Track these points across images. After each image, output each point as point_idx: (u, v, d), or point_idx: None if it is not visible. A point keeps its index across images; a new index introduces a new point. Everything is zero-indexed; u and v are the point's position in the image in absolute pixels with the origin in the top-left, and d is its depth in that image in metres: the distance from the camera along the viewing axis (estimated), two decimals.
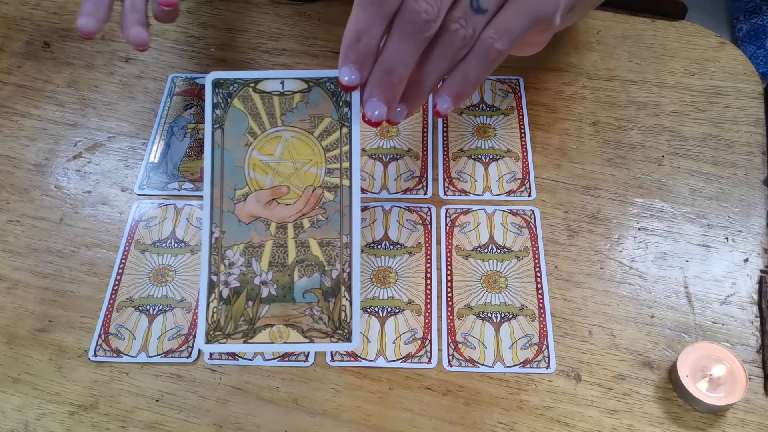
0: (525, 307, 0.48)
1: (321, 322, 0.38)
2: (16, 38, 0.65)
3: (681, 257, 0.50)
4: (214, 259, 0.38)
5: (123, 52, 0.64)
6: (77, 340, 0.47)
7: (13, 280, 0.50)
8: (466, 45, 0.37)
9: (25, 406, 0.45)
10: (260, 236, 0.38)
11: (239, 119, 0.39)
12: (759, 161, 0.55)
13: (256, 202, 0.39)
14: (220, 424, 0.44)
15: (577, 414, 0.44)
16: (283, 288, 0.38)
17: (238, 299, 0.38)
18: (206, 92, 0.39)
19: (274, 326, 0.38)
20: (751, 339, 0.47)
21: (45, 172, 0.56)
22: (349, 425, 0.44)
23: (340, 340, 0.38)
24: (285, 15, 0.66)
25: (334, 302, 0.38)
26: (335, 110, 0.39)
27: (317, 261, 0.38)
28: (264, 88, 0.39)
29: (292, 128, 0.39)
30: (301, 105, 0.39)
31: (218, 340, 0.38)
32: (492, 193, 0.54)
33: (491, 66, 0.38)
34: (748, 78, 0.60)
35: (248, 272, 0.38)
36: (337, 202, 0.39)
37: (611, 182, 0.54)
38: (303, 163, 0.39)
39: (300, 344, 0.38)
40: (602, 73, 0.61)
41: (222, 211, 0.39)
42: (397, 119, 0.39)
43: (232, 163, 0.39)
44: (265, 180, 0.39)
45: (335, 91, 0.39)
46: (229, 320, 0.38)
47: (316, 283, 0.38)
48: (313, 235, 0.38)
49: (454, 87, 0.38)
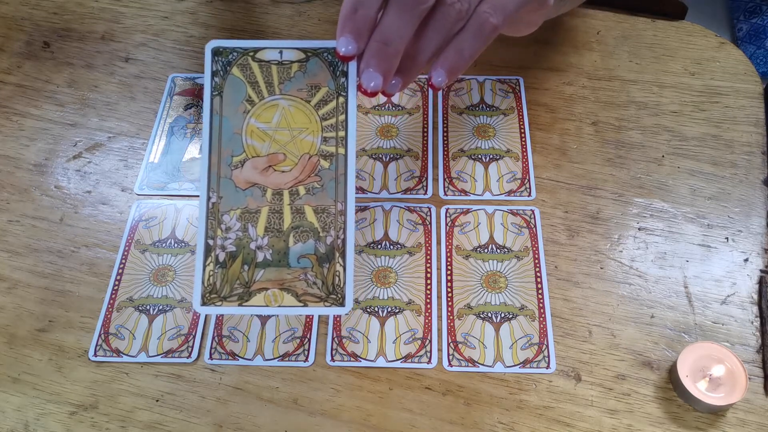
0: (525, 307, 0.48)
1: (315, 287, 0.38)
2: (16, 38, 0.65)
3: (681, 257, 0.50)
4: (211, 224, 0.39)
5: (123, 52, 0.64)
6: (77, 340, 0.47)
7: (13, 280, 0.50)
8: (462, 19, 0.37)
9: (25, 406, 0.45)
10: (256, 202, 0.39)
11: (238, 87, 0.40)
12: (759, 161, 0.55)
13: (253, 168, 0.39)
14: (220, 424, 0.44)
15: (577, 414, 0.44)
16: (279, 253, 0.39)
17: (234, 263, 0.39)
18: (206, 60, 0.39)
19: (269, 290, 0.38)
20: (751, 339, 0.47)
21: (45, 172, 0.56)
22: (349, 425, 0.44)
23: (333, 305, 0.38)
24: (285, 15, 0.66)
25: (328, 268, 0.38)
26: (332, 80, 0.39)
27: (312, 227, 0.39)
28: (263, 57, 0.40)
29: (290, 97, 0.40)
30: (298, 74, 0.40)
31: (214, 303, 0.38)
32: (492, 193, 0.53)
33: (486, 41, 0.38)
34: (748, 78, 0.60)
35: (244, 237, 0.39)
36: (333, 170, 0.39)
37: (611, 182, 0.54)
38: (300, 131, 0.39)
39: (294, 308, 0.38)
40: (602, 73, 0.61)
41: (219, 176, 0.39)
42: (392, 91, 0.40)
43: (230, 129, 0.39)
44: (262, 147, 0.39)
45: (332, 62, 0.39)
46: (225, 283, 0.38)
47: (311, 248, 0.39)
48: (308, 201, 0.39)
49: (449, 61, 0.39)
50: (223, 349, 0.47)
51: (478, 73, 0.61)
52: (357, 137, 0.57)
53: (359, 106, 0.59)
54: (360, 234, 0.52)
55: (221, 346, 0.47)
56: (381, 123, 0.58)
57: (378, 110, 0.59)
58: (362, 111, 0.58)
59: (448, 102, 0.59)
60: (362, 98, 0.38)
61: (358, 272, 0.50)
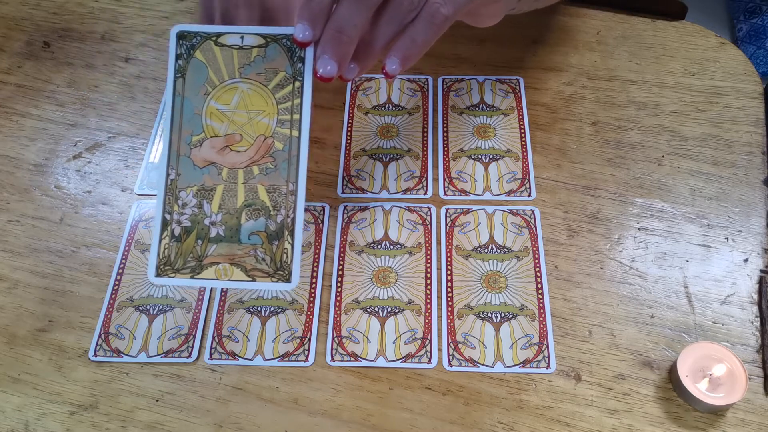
0: (525, 307, 0.48)
1: (263, 263, 0.40)
2: (16, 38, 0.65)
3: (681, 257, 0.50)
4: (169, 199, 0.41)
5: (123, 53, 0.64)
6: (77, 340, 0.47)
7: (14, 280, 0.50)
8: (414, 9, 0.39)
9: (25, 405, 0.45)
10: (213, 180, 0.41)
11: (200, 70, 0.41)
12: (759, 161, 0.55)
13: (211, 148, 0.41)
14: (220, 424, 0.44)
15: (577, 414, 0.44)
16: (231, 229, 0.40)
17: (189, 237, 0.40)
18: (170, 43, 0.41)
19: (220, 264, 0.40)
20: (751, 339, 0.47)
21: (45, 172, 0.56)
22: (349, 425, 0.44)
23: (280, 280, 0.40)
24: None
25: (277, 245, 0.40)
26: (290, 65, 0.41)
27: (264, 206, 0.40)
28: (225, 41, 0.41)
29: (249, 80, 0.41)
30: (258, 59, 0.41)
31: (167, 274, 0.40)
32: (492, 193, 0.54)
33: (437, 30, 0.40)
34: (748, 78, 0.60)
35: (199, 213, 0.40)
36: (286, 151, 0.41)
37: (611, 182, 0.54)
38: (256, 113, 0.41)
39: (243, 282, 0.40)
40: (602, 73, 0.61)
41: (179, 155, 0.41)
42: (348, 76, 0.41)
43: (191, 110, 0.41)
44: (221, 128, 0.41)
45: (291, 48, 0.41)
46: (178, 256, 0.40)
47: (262, 226, 0.40)
48: (261, 181, 0.41)
49: (402, 49, 0.40)
50: (223, 349, 0.47)
51: (478, 73, 0.61)
52: (357, 137, 0.57)
53: (359, 106, 0.59)
54: (360, 234, 0.52)
55: (221, 346, 0.47)
56: (381, 123, 0.58)
57: (378, 110, 0.59)
58: (362, 111, 0.58)
59: (448, 102, 0.59)
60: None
61: (358, 272, 0.50)
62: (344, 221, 0.52)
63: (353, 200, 0.53)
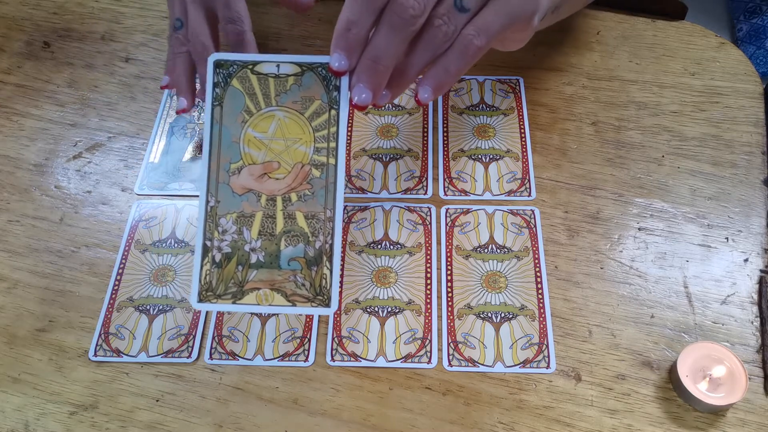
0: (525, 307, 0.48)
1: (303, 288, 0.40)
2: (16, 38, 0.65)
3: (681, 257, 0.50)
4: (209, 226, 0.41)
5: (123, 52, 0.64)
6: (77, 340, 0.47)
7: (14, 280, 0.50)
8: (448, 40, 0.40)
9: (25, 406, 0.45)
10: (251, 207, 0.41)
11: (237, 98, 0.42)
12: (759, 161, 0.55)
13: (249, 175, 0.41)
14: (220, 424, 0.44)
15: (577, 414, 0.44)
16: (270, 255, 0.41)
17: (229, 263, 0.41)
18: (207, 72, 0.42)
19: (261, 290, 0.41)
20: (751, 339, 0.47)
21: (45, 172, 0.56)
22: (349, 425, 0.44)
23: (320, 305, 0.40)
24: (284, 15, 0.66)
25: (316, 270, 0.41)
26: (325, 93, 0.41)
27: (302, 232, 0.41)
28: (261, 70, 0.42)
29: (285, 108, 0.42)
30: (294, 87, 0.42)
31: (209, 300, 0.41)
32: (492, 193, 0.54)
33: (470, 60, 0.41)
34: (748, 78, 0.60)
35: (239, 239, 0.41)
36: (323, 179, 0.41)
37: (611, 182, 0.54)
38: (293, 141, 0.41)
39: (284, 307, 0.40)
40: (602, 73, 0.61)
41: (218, 182, 0.41)
42: (381, 102, 0.42)
43: (229, 138, 0.42)
44: (258, 155, 0.41)
45: (326, 76, 0.41)
46: (220, 282, 0.41)
47: (301, 252, 0.41)
48: (299, 208, 0.41)
49: (435, 78, 0.41)
50: (223, 349, 0.47)
51: (478, 73, 0.61)
52: (357, 137, 0.57)
53: None
54: (360, 234, 0.52)
55: (221, 346, 0.47)
56: (381, 123, 0.58)
57: (378, 110, 0.59)
58: (362, 111, 0.58)
59: (448, 102, 0.59)
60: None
61: (359, 272, 0.50)
62: (344, 221, 0.52)
63: (353, 200, 0.53)
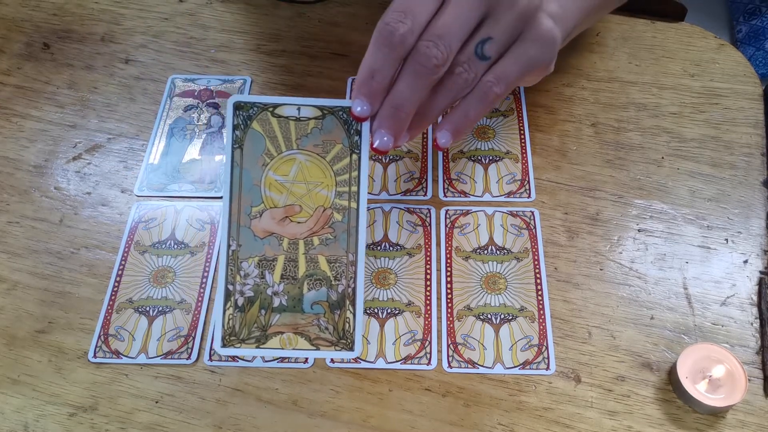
0: (525, 308, 0.48)
1: (327, 332, 0.41)
2: (15, 40, 0.65)
3: (681, 258, 0.50)
4: (231, 270, 0.41)
5: (123, 54, 0.64)
6: (77, 341, 0.47)
7: (13, 281, 0.50)
8: (468, 86, 0.41)
9: (24, 407, 0.45)
10: (273, 250, 0.41)
11: (257, 141, 0.42)
12: (758, 162, 0.55)
13: (271, 219, 0.41)
14: (220, 426, 0.44)
15: (576, 415, 0.44)
16: (293, 299, 0.41)
17: (252, 307, 0.41)
18: (227, 114, 0.41)
19: (284, 334, 0.41)
20: (750, 340, 0.47)
21: (45, 173, 0.56)
22: (349, 426, 0.44)
23: (343, 349, 0.41)
24: (284, 16, 0.66)
25: (339, 314, 0.41)
26: (347, 138, 0.41)
27: (325, 276, 0.41)
28: (281, 112, 0.41)
29: (306, 152, 0.42)
30: (315, 131, 0.41)
31: (233, 345, 0.40)
32: (492, 195, 0.54)
33: (489, 107, 0.42)
34: (747, 79, 0.60)
35: (262, 283, 0.41)
36: (345, 222, 0.41)
37: (611, 184, 0.54)
38: (315, 185, 0.42)
39: (307, 351, 0.41)
40: (602, 74, 0.61)
41: (239, 225, 0.41)
42: (399, 143, 0.43)
43: (250, 181, 0.41)
44: (280, 199, 0.41)
45: (347, 120, 0.41)
46: (243, 326, 0.41)
47: (324, 296, 0.41)
48: (321, 252, 0.41)
49: (454, 123, 0.42)
50: None
51: None
52: None
53: None
54: None
55: None
56: None
57: None
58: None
59: None
60: None
61: None
62: None
63: None
